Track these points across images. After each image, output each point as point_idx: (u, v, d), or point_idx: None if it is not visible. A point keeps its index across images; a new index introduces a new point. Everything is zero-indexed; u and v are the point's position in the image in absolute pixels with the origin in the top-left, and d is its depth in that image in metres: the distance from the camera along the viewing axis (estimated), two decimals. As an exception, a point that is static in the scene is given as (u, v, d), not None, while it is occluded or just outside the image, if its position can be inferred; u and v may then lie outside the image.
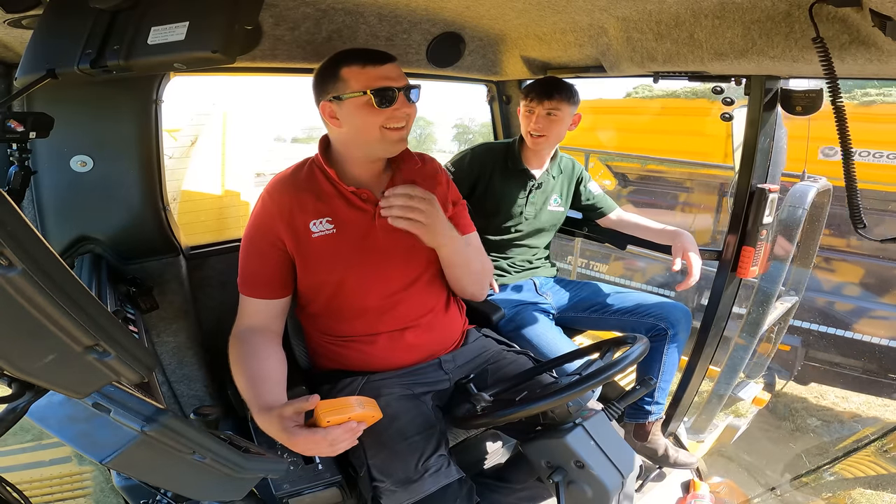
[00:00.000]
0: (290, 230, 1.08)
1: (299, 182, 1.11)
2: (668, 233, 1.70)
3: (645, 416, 1.65)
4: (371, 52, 1.04)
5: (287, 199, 1.09)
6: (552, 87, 1.62)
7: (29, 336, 0.39)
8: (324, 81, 1.06)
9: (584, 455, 0.94)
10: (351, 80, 1.02)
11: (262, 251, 1.09)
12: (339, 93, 1.03)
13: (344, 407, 0.88)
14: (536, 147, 1.70)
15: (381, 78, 1.02)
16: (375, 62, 1.03)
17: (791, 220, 1.88)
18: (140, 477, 0.69)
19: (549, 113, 1.62)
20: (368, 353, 1.16)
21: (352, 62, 1.03)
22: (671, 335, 1.59)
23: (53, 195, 1.18)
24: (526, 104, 1.67)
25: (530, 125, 1.66)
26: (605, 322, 1.69)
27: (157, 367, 1.38)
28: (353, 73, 1.02)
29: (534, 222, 1.79)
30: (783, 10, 0.94)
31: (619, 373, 0.95)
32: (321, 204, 1.10)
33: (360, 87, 1.01)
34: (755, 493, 2.20)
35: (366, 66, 1.02)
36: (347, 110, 1.04)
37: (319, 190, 1.11)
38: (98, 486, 2.07)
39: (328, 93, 1.05)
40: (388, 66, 1.04)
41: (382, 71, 1.03)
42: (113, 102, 1.17)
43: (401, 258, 1.15)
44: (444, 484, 0.98)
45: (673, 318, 1.59)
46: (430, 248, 1.17)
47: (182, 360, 1.42)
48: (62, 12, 0.81)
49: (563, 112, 1.63)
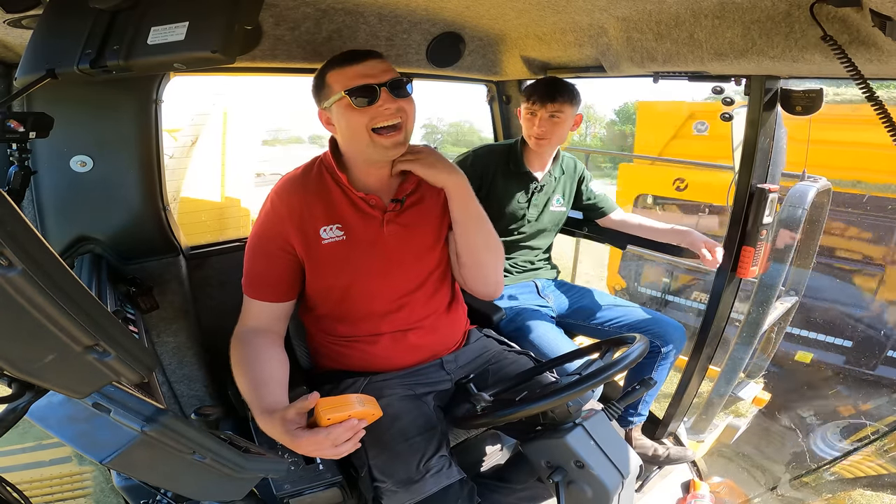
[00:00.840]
0: (301, 234, 1.07)
1: (309, 184, 1.10)
2: (676, 232, 1.71)
3: (626, 424, 1.68)
4: (351, 53, 1.02)
5: (297, 202, 1.07)
6: (555, 89, 1.61)
7: (29, 336, 0.39)
8: (316, 90, 1.06)
9: (584, 455, 0.94)
10: (333, 84, 1.01)
11: (270, 253, 1.08)
12: (327, 98, 1.03)
13: (344, 404, 0.87)
14: (539, 150, 1.70)
15: (357, 76, 0.99)
16: (353, 61, 1.00)
17: (791, 220, 1.88)
18: (140, 477, 0.69)
19: (553, 115, 1.62)
20: (371, 353, 1.16)
21: (333, 66, 1.01)
22: (664, 353, 1.60)
23: (53, 195, 1.18)
24: (528, 107, 1.66)
25: (533, 129, 1.65)
26: (602, 333, 1.69)
27: (157, 367, 1.38)
28: (335, 76, 1.01)
29: (536, 224, 1.79)
30: (783, 10, 0.94)
31: (619, 373, 0.96)
32: (331, 209, 1.09)
33: (340, 88, 1.00)
34: (755, 493, 2.20)
35: (344, 67, 1.00)
36: (336, 115, 1.03)
37: (329, 194, 1.10)
38: (98, 486, 2.07)
39: (321, 100, 1.05)
40: (367, 62, 1.00)
41: (360, 69, 0.99)
42: (113, 102, 1.17)
43: (408, 264, 1.15)
44: (446, 484, 0.98)
45: (668, 336, 1.60)
46: (438, 251, 1.18)
47: (182, 360, 1.42)
48: (62, 12, 0.81)
49: (565, 114, 1.63)
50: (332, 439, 0.86)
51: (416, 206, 1.16)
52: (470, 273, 1.19)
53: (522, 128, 1.71)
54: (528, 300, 1.72)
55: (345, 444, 0.88)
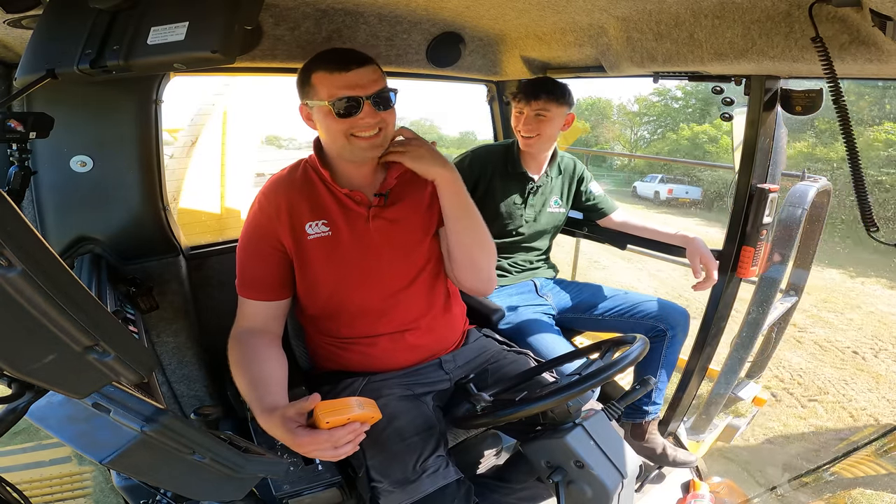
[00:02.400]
0: (289, 231, 1.08)
1: (295, 183, 1.11)
2: (679, 237, 1.70)
3: (642, 415, 1.65)
4: (341, 57, 1.01)
5: (283, 201, 1.08)
6: (539, 87, 1.62)
7: (29, 336, 0.39)
8: (301, 84, 1.06)
9: (583, 455, 0.94)
10: (318, 87, 1.01)
11: (262, 253, 1.09)
12: (309, 98, 1.03)
13: (343, 408, 0.88)
14: (529, 148, 1.70)
15: (344, 86, 0.99)
16: (342, 68, 0.99)
17: (791, 220, 1.88)
18: (140, 477, 0.69)
19: (538, 114, 1.63)
20: (369, 354, 1.16)
21: (321, 67, 1.01)
22: (670, 336, 1.60)
23: (53, 195, 1.18)
24: (515, 105, 1.67)
25: (519, 125, 1.67)
26: (605, 324, 1.69)
27: (157, 367, 1.38)
28: (321, 79, 1.00)
29: (533, 224, 1.78)
30: (783, 10, 0.94)
31: (619, 372, 0.95)
32: (316, 206, 1.10)
33: (325, 95, 1.00)
34: (755, 493, 2.20)
35: (332, 73, 0.99)
36: (317, 116, 1.04)
37: (314, 192, 1.11)
38: (98, 486, 2.07)
39: (304, 96, 1.05)
40: (355, 71, 0.99)
41: (348, 78, 0.99)
42: (113, 102, 1.17)
43: (397, 258, 1.15)
44: (442, 484, 0.98)
45: (672, 319, 1.60)
46: (427, 245, 1.17)
47: (182, 360, 1.42)
48: (62, 12, 0.81)
49: (551, 112, 1.63)
50: (332, 441, 0.87)
51: (401, 201, 1.16)
52: (462, 269, 1.18)
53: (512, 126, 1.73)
54: (527, 300, 1.72)
55: (345, 447, 0.88)
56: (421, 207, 1.18)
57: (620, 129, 31.51)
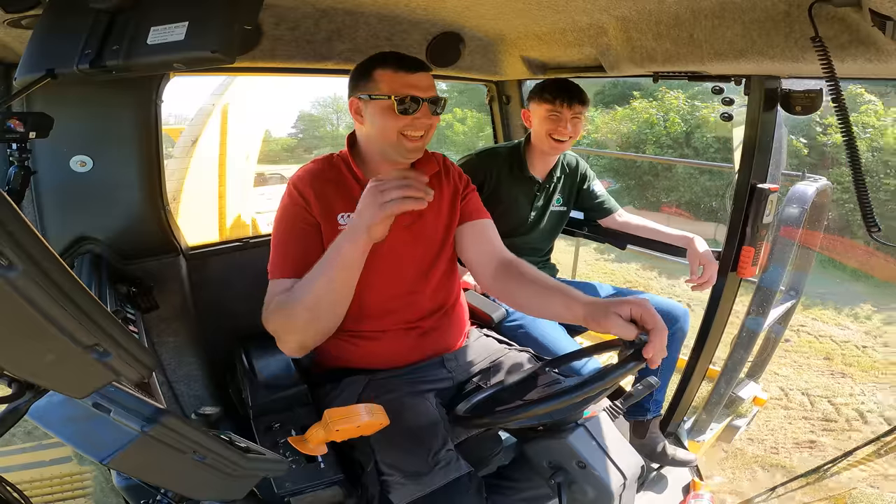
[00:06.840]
0: (323, 217, 1.10)
1: (326, 174, 1.14)
2: (680, 237, 1.71)
3: (643, 413, 1.65)
4: (407, 59, 1.08)
5: (318, 189, 1.11)
6: (576, 91, 1.62)
7: (29, 336, 0.39)
8: (358, 78, 1.09)
9: (585, 455, 0.93)
10: (381, 83, 1.05)
11: (302, 231, 1.10)
12: (369, 92, 1.06)
13: (352, 415, 0.90)
14: (556, 152, 1.70)
15: (408, 86, 1.05)
16: (408, 69, 1.06)
17: (791, 220, 1.88)
18: (140, 477, 0.69)
19: (575, 117, 1.63)
20: (373, 350, 1.17)
21: (386, 65, 1.06)
22: (670, 335, 1.59)
23: (53, 195, 1.18)
24: (552, 108, 1.62)
25: (559, 129, 1.63)
26: None
27: (158, 367, 1.38)
28: (385, 76, 1.05)
29: (539, 226, 1.78)
30: (783, 10, 0.94)
31: (625, 375, 0.94)
32: (348, 199, 1.12)
33: (388, 91, 1.05)
34: (755, 493, 2.20)
35: (398, 72, 1.05)
36: (372, 111, 1.07)
37: (345, 185, 1.14)
38: (98, 486, 2.07)
39: (359, 90, 1.08)
40: (419, 74, 1.07)
41: (412, 79, 1.05)
42: (113, 102, 1.17)
43: (417, 257, 1.18)
44: (454, 477, 0.98)
45: (672, 317, 1.60)
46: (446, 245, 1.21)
47: (182, 360, 1.41)
48: (62, 12, 0.81)
49: (584, 115, 1.65)
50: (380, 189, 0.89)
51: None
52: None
53: (535, 129, 1.69)
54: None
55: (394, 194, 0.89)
56: (443, 207, 1.21)
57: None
